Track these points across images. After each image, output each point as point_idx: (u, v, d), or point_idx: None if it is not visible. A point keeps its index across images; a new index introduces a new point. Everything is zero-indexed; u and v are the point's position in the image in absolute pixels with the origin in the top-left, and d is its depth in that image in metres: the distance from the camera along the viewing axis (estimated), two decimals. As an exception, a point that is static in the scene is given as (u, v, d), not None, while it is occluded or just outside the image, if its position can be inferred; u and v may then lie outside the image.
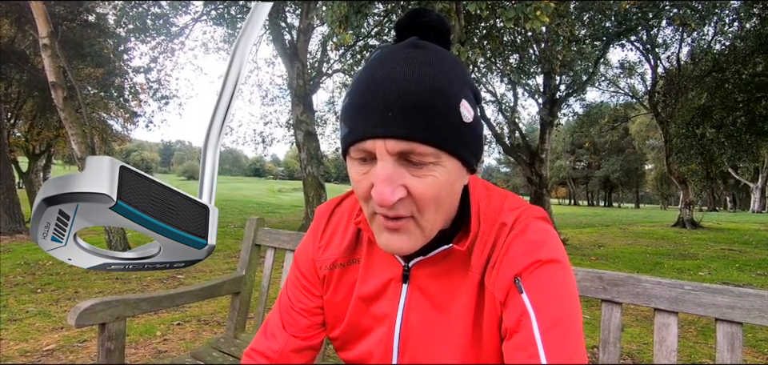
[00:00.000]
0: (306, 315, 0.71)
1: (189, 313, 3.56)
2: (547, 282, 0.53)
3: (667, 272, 5.81)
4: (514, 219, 0.58)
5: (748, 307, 0.89)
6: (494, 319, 0.56)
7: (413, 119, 0.47)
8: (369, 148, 0.49)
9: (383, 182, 0.48)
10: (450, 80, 0.50)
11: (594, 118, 15.49)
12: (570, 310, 0.53)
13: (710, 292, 0.93)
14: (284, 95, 12.13)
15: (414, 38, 0.54)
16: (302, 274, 0.72)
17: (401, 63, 0.49)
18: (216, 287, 1.64)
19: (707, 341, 3.21)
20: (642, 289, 1.00)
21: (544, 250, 0.55)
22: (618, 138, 39.44)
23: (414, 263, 0.61)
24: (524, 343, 0.51)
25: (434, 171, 0.49)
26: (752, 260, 6.77)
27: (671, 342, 0.96)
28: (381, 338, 0.64)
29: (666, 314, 0.97)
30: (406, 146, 0.48)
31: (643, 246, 8.47)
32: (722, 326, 0.92)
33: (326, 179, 8.67)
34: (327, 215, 0.72)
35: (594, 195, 54.30)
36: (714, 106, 10.49)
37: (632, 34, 10.71)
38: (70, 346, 2.81)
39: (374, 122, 0.48)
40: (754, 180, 24.83)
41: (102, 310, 1.26)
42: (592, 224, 14.74)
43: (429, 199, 0.50)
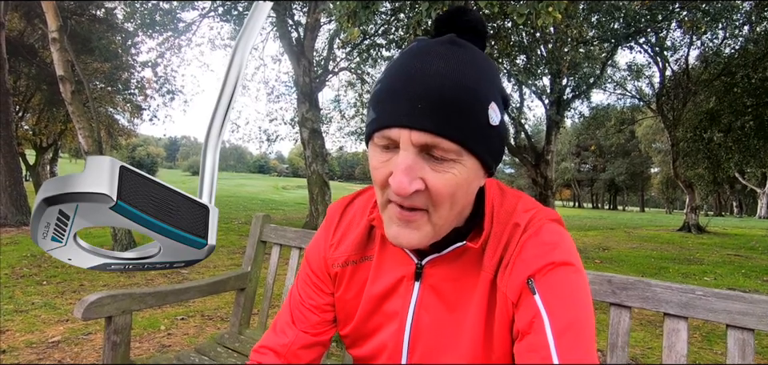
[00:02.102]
0: (315, 312, 0.71)
1: (193, 308, 3.58)
2: (561, 284, 0.53)
3: (672, 277, 5.76)
4: (527, 220, 0.58)
5: (760, 314, 0.88)
6: (506, 320, 0.56)
7: (441, 114, 0.47)
8: (393, 136, 0.50)
9: (403, 172, 0.49)
10: (483, 81, 0.50)
11: (600, 120, 15.38)
12: (583, 313, 0.52)
13: (721, 298, 0.92)
14: (290, 92, 12.13)
15: (452, 35, 0.54)
16: (312, 271, 0.72)
17: (436, 58, 0.49)
18: (221, 283, 1.64)
19: (712, 347, 3.18)
20: (651, 293, 0.99)
21: (558, 252, 0.55)
22: (624, 141, 39.14)
23: (427, 261, 0.61)
24: (536, 345, 0.50)
25: (454, 168, 0.50)
26: (758, 266, 6.70)
27: (681, 348, 0.95)
28: (391, 336, 0.64)
29: (677, 319, 0.96)
30: (430, 140, 0.48)
31: (648, 251, 8.40)
32: (734, 332, 0.91)
33: (330, 177, 8.68)
34: (339, 213, 0.72)
35: (598, 198, 53.98)
36: (722, 110, 10.38)
37: (640, 35, 10.61)
38: (75, 338, 2.83)
39: (402, 112, 0.48)
40: (761, 185, 24.55)
41: (109, 303, 1.26)
42: (596, 227, 14.65)
43: (445, 195, 0.50)
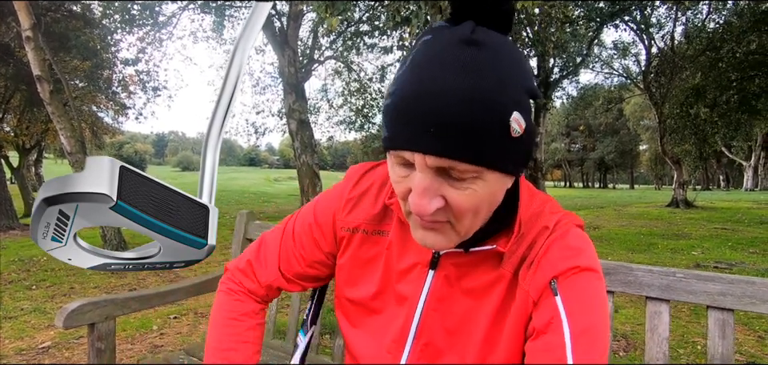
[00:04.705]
0: (301, 263, 0.71)
1: (186, 306, 3.56)
2: (583, 289, 0.54)
3: (661, 252, 5.86)
4: (554, 222, 0.58)
5: (739, 294, 0.89)
6: (522, 317, 0.56)
7: (454, 138, 0.44)
8: (408, 158, 0.48)
9: (420, 194, 0.47)
10: (504, 88, 0.45)
11: (588, 100, 15.51)
12: (601, 320, 0.53)
13: (701, 280, 0.92)
14: (275, 84, 11.93)
15: (470, 25, 0.46)
16: (318, 223, 0.71)
17: (449, 71, 0.44)
18: (207, 283, 1.62)
19: (700, 321, 3.25)
20: (633, 277, 0.99)
21: (583, 257, 0.55)
22: (612, 120, 39.57)
23: (445, 252, 0.61)
24: (552, 345, 0.51)
25: (475, 185, 0.48)
26: (744, 238, 6.85)
27: (663, 330, 0.96)
28: (398, 319, 0.63)
29: (658, 302, 0.97)
30: (445, 163, 0.46)
31: (637, 228, 8.54)
32: (714, 313, 0.92)
33: (321, 167, 8.62)
34: (357, 177, 0.71)
35: (588, 177, 54.62)
36: (707, 86, 10.49)
37: (626, 13, 10.63)
38: (65, 343, 2.80)
39: (414, 135, 0.45)
40: (747, 159, 25.00)
41: (91, 310, 1.24)
42: (587, 206, 14.83)
43: (467, 210, 0.49)
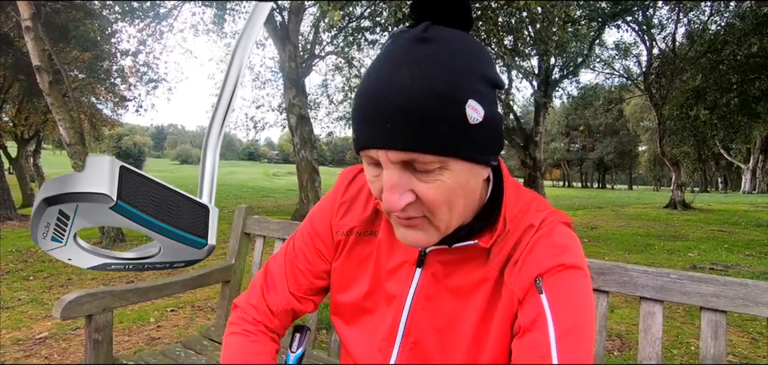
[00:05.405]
0: (309, 276, 0.72)
1: (183, 299, 3.56)
2: (568, 287, 0.54)
3: (658, 253, 5.88)
4: (540, 220, 0.58)
5: (732, 296, 0.90)
6: (508, 315, 0.56)
7: (412, 130, 0.45)
8: (374, 156, 0.49)
9: (389, 191, 0.49)
10: (457, 80, 0.46)
11: (588, 100, 15.47)
12: (586, 318, 0.53)
13: (695, 281, 0.93)
14: (276, 78, 11.90)
15: (426, 24, 0.48)
16: (316, 234, 0.72)
17: (403, 67, 0.46)
18: (205, 276, 1.63)
19: (694, 322, 3.27)
20: (628, 277, 1.00)
21: (568, 254, 0.55)
22: (612, 120, 39.54)
23: (430, 249, 0.61)
24: (537, 343, 0.51)
25: (441, 176, 0.48)
26: (740, 241, 6.88)
27: (656, 330, 0.97)
28: (387, 318, 0.64)
29: (652, 302, 0.98)
30: (407, 156, 0.47)
31: (635, 228, 8.56)
32: (707, 314, 0.93)
33: (320, 163, 8.62)
34: (348, 180, 0.72)
35: (587, 177, 54.68)
36: (707, 88, 10.50)
37: (628, 14, 10.61)
38: (62, 334, 2.81)
39: (374, 133, 0.48)
40: (746, 161, 25.03)
41: (88, 301, 1.24)
42: (585, 206, 14.85)
43: (439, 203, 0.50)
